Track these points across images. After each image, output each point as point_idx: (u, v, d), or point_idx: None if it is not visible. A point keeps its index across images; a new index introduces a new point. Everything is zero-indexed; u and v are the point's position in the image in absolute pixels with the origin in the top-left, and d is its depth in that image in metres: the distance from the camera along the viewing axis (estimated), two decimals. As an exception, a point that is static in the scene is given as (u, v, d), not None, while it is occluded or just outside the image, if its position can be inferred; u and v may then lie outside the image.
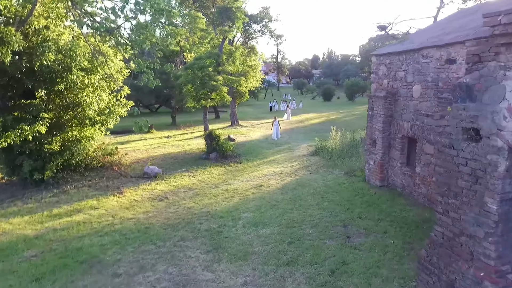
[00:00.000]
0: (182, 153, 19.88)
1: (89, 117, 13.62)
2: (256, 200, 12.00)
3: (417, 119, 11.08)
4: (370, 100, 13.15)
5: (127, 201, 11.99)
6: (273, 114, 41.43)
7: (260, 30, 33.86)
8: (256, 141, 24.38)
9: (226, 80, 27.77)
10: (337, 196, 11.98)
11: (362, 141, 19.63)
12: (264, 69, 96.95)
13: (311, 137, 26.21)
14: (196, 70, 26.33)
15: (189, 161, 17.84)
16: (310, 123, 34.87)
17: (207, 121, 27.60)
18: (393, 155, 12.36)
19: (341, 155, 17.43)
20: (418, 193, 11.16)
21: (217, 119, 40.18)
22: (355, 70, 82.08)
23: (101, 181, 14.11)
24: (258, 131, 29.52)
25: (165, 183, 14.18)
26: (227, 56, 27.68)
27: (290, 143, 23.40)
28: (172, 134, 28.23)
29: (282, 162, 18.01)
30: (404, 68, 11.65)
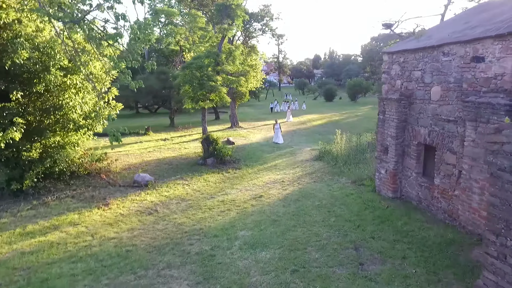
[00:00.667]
0: (177, 158, 18.57)
1: (73, 121, 12.33)
2: (255, 214, 10.69)
3: (436, 125, 9.75)
4: (381, 103, 11.82)
5: (112, 215, 10.69)
6: (274, 116, 40.17)
7: (261, 29, 32.57)
8: (256, 144, 23.07)
9: (225, 80, 26.48)
10: (345, 210, 10.66)
11: (369, 146, 18.31)
12: (265, 69, 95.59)
13: (314, 140, 24.90)
14: (194, 70, 25.07)
15: (185, 167, 16.54)
16: (312, 124, 33.54)
17: (206, 123, 26.30)
18: (408, 164, 11.03)
19: (347, 161, 16.09)
20: (437, 208, 9.82)
21: (217, 120, 38.87)
22: (357, 70, 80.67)
23: (86, 190, 12.83)
24: (259, 133, 28.21)
25: (157, 193, 12.88)
26: (227, 56, 26.37)
27: (292, 147, 22.07)
28: (170, 137, 26.93)
29: (283, 168, 16.69)
30: (420, 67, 10.32)
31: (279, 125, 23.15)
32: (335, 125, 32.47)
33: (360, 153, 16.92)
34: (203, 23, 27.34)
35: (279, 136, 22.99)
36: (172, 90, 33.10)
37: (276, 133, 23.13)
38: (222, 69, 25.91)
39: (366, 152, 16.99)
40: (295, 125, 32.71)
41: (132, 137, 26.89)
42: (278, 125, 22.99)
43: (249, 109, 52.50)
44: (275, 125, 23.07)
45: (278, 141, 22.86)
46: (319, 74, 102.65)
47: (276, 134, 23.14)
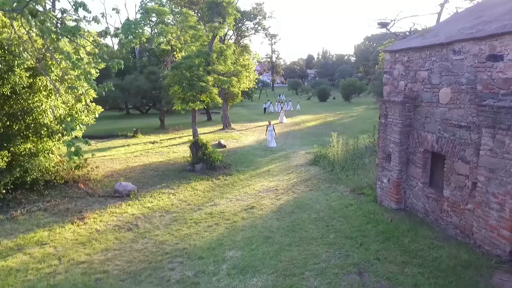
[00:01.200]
0: (164, 164, 17.40)
1: (46, 126, 11.13)
2: (246, 229, 9.60)
3: (446, 131, 8.74)
4: (383, 106, 10.79)
5: (86, 232, 9.53)
6: (267, 116, 39.08)
7: (253, 28, 31.49)
8: (249, 148, 21.97)
9: (216, 80, 25.33)
10: (345, 224, 9.61)
11: (367, 150, 17.32)
12: (259, 69, 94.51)
13: (309, 142, 23.89)
14: (184, 70, 23.89)
15: (172, 174, 15.38)
16: (306, 125, 32.54)
17: (196, 125, 25.08)
18: (412, 172, 10.02)
19: (344, 166, 15.06)
20: (447, 222, 8.81)
21: (209, 122, 37.70)
22: (350, 70, 79.96)
23: (61, 202, 11.62)
24: (252, 136, 27.11)
25: (139, 204, 11.72)
26: (218, 55, 25.22)
27: (286, 150, 21.01)
28: (159, 139, 25.72)
29: (277, 173, 15.62)
30: (427, 67, 9.30)
31: (273, 127, 22.00)
32: (329, 126, 31.51)
33: (358, 158, 15.90)
34: (194, 22, 26.18)
35: (272, 139, 21.83)
36: (162, 91, 31.90)
37: (269, 136, 21.93)
38: (213, 69, 24.76)
39: (365, 156, 15.99)
40: (288, 126, 31.70)
41: (120, 140, 25.68)
42: (271, 127, 21.84)
43: (242, 110, 51.38)
44: (268, 127, 21.90)
45: (271, 145, 21.71)
46: (312, 74, 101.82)
47: (268, 137, 21.95)
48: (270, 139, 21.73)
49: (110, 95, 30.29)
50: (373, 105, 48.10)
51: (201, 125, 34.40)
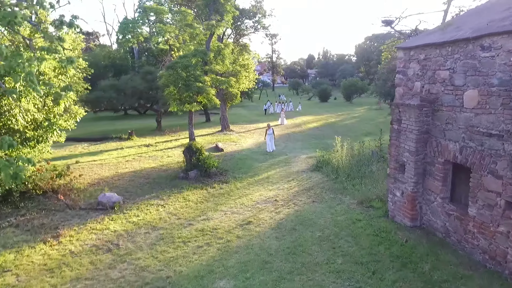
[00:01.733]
0: (156, 170, 16.14)
1: (19, 132, 9.89)
2: (240, 250, 8.34)
3: (472, 139, 7.47)
4: (395, 110, 9.52)
5: (58, 254, 8.28)
6: (268, 118, 37.80)
7: (252, 26, 30.23)
8: (247, 151, 20.71)
9: (214, 80, 24.10)
10: (353, 245, 8.35)
11: (373, 155, 16.04)
12: (259, 68, 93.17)
13: (310, 145, 22.62)
14: (180, 70, 22.65)
15: (163, 182, 14.12)
16: (307, 127, 31.27)
17: (193, 127, 23.86)
18: (430, 186, 8.75)
19: (350, 174, 13.77)
20: (473, 246, 7.55)
21: (208, 123, 36.45)
22: (351, 70, 78.63)
23: (37, 216, 10.38)
24: (251, 138, 25.85)
25: (123, 218, 10.47)
26: (215, 54, 23.99)
27: (286, 154, 19.74)
28: (154, 142, 24.48)
29: (277, 181, 14.36)
30: (449, 66, 8.03)
31: (272, 130, 20.63)
32: (331, 127, 30.25)
33: (365, 165, 14.60)
34: (190, 20, 24.93)
35: (272, 143, 20.42)
36: (159, 91, 30.69)
37: (268, 140, 20.46)
38: (210, 69, 23.54)
39: (371, 163, 14.70)
40: (289, 128, 30.44)
41: (113, 143, 24.44)
42: (271, 130, 20.46)
43: (242, 110, 50.12)
44: (267, 130, 20.53)
45: (271, 149, 20.29)
46: (313, 74, 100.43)
47: (268, 141, 20.47)
48: (269, 143, 20.35)
49: (105, 96, 29.15)
50: (375, 106, 46.84)
51: (199, 126, 33.18)
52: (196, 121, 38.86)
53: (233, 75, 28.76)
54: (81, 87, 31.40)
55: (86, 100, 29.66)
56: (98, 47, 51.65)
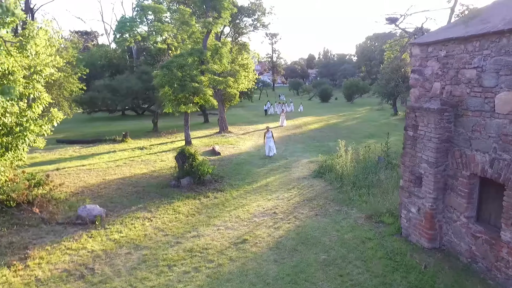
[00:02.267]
0: (147, 176, 14.94)
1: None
2: (234, 278, 7.14)
3: (506, 150, 6.25)
4: (410, 114, 8.29)
5: (21, 282, 7.08)
6: (267, 119, 36.57)
7: (252, 24, 29.03)
8: (246, 155, 19.51)
9: (211, 81, 22.92)
10: (364, 272, 7.14)
11: (380, 161, 14.82)
12: (259, 68, 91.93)
13: (311, 148, 21.43)
14: (175, 69, 21.47)
15: (153, 191, 12.91)
16: (308, 128, 30.05)
17: (188, 129, 22.67)
18: (452, 202, 7.54)
19: (355, 182, 12.54)
20: (507, 276, 6.34)
21: (206, 124, 35.24)
22: (352, 70, 77.39)
23: (6, 233, 9.17)
24: (250, 140, 24.64)
25: (104, 235, 9.27)
26: (212, 53, 22.78)
27: (286, 158, 18.54)
28: (148, 144, 23.27)
29: (276, 189, 13.17)
30: (476, 64, 6.81)
31: (271, 133, 19.28)
32: (333, 129, 29.04)
33: (372, 172, 13.36)
34: (186, 17, 23.73)
35: (271, 147, 19.01)
36: (155, 92, 29.53)
37: (267, 144, 19.12)
38: (207, 68, 22.34)
39: (379, 170, 13.47)
40: (289, 130, 29.24)
41: (106, 145, 23.23)
42: (270, 133, 19.10)
43: (241, 111, 48.94)
44: (266, 133, 19.19)
45: (270, 153, 18.91)
46: (313, 74, 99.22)
47: (267, 145, 19.08)
48: (269, 147, 19.00)
49: (99, 96, 27.98)
50: (377, 106, 45.59)
51: (197, 127, 31.99)
52: (194, 122, 37.71)
53: (231, 75, 27.58)
54: (75, 87, 30.38)
55: (80, 101, 28.55)
56: (96, 47, 50.44)
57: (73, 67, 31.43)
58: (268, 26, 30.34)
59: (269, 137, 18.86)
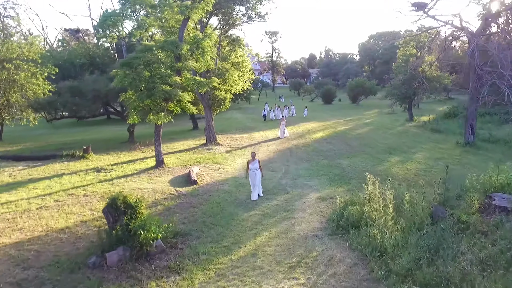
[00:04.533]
0: (65, 236, 9.04)
1: None
2: None
3: None
4: None
5: None
6: (266, 125, 30.72)
7: (245, 14, 23.30)
8: (231, 183, 13.74)
9: (189, 82, 17.12)
10: None
11: (437, 214, 8.92)
12: (258, 68, 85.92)
13: (320, 169, 15.66)
14: (139, 67, 15.71)
15: (52, 278, 7.13)
16: (313, 138, 24.22)
17: (160, 145, 16.82)
18: None
19: (414, 271, 6.66)
20: None
21: (194, 131, 29.48)
22: (356, 70, 71.38)
23: None
24: (241, 157, 18.84)
25: None
26: (192, 47, 16.96)
27: (286, 190, 12.77)
28: (112, 162, 17.54)
29: (270, 267, 7.41)
30: None
31: (258, 163, 12.01)
32: (342, 139, 23.19)
33: (440, 237, 7.42)
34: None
35: (258, 185, 12.00)
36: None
37: (251, 180, 11.96)
38: (184, 66, 16.55)
39: (451, 237, 7.55)
40: (291, 140, 23.44)
41: (58, 165, 17.51)
42: (255, 163, 11.91)
43: (237, 114, 43.16)
44: (250, 163, 11.94)
45: (254, 196, 11.79)
46: (315, 73, 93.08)
47: (252, 183, 11.91)
48: (253, 184, 11.88)
49: (59, 100, 22.22)
50: (386, 109, 39.67)
51: (182, 136, 26.20)
52: (181, 128, 31.90)
53: (220, 75, 21.77)
54: (41, 88, 24.54)
55: (36, 106, 22.78)
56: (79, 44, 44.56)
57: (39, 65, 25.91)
58: (265, 17, 24.47)
59: (254, 169, 11.85)
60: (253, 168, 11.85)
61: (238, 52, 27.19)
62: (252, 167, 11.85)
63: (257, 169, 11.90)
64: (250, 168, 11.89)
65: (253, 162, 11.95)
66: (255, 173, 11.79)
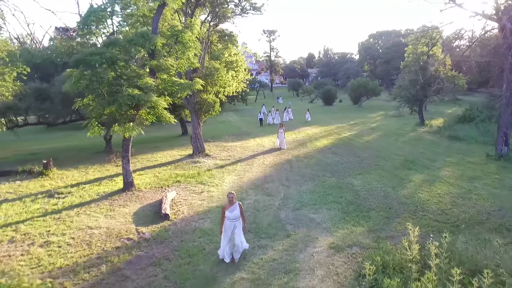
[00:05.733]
0: None
1: None
2: None
3: None
4: None
5: None
6: (263, 130, 27.14)
7: (238, 5, 19.73)
8: (214, 216, 10.19)
9: (167, 85, 13.53)
10: None
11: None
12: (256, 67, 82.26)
13: (328, 193, 12.10)
14: (105, 66, 12.16)
15: None
16: (315, 146, 20.66)
17: (129, 163, 13.19)
18: None
19: None
20: None
21: (183, 138, 25.88)
22: (356, 69, 67.73)
23: None
24: (232, 174, 15.27)
25: None
26: (170, 41, 13.38)
27: (286, 230, 9.24)
28: (71, 184, 13.97)
29: None
30: None
31: (240, 209, 7.55)
32: (349, 149, 19.62)
33: None
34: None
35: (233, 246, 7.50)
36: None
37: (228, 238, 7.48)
38: (159, 65, 12.97)
39: None
40: (290, 149, 19.86)
41: (5, 185, 13.95)
42: (236, 209, 7.48)
43: (233, 116, 39.55)
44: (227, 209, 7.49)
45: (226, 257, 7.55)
46: (314, 73, 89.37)
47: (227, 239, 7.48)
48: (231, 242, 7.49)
49: (20, 105, 18.60)
50: (392, 111, 36.19)
51: (167, 144, 22.60)
52: (168, 134, 28.29)
53: (207, 75, 18.19)
54: (8, 90, 20.94)
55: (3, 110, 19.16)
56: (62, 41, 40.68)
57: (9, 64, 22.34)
58: (261, 9, 20.86)
59: (232, 218, 7.45)
60: (231, 217, 7.41)
61: (232, 50, 23.60)
62: (230, 215, 7.41)
63: (237, 218, 7.48)
64: (226, 216, 7.45)
65: (231, 208, 7.46)
66: (234, 225, 7.41)
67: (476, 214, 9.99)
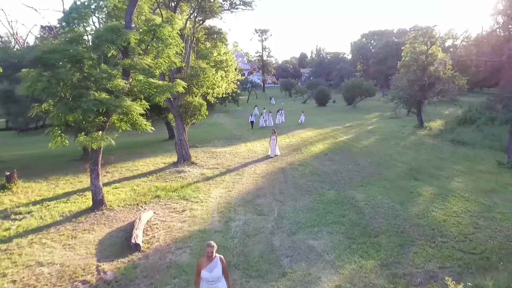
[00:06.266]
0: None
1: None
2: None
3: None
4: None
5: None
6: (255, 134, 25.35)
7: None
8: (195, 245, 8.41)
9: (144, 87, 11.67)
10: None
11: None
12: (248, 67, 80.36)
13: (328, 211, 10.35)
14: (69, 66, 10.28)
15: None
16: (310, 152, 18.94)
17: (98, 177, 11.27)
18: None
19: None
20: None
21: (169, 142, 23.94)
22: (349, 69, 66.31)
23: None
24: (219, 186, 13.44)
25: None
26: (145, 37, 11.52)
27: (281, 265, 7.48)
28: (35, 199, 12.03)
29: None
30: None
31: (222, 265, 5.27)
32: (347, 155, 17.93)
33: None
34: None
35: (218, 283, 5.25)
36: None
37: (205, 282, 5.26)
38: (133, 64, 11.12)
39: None
40: (283, 156, 18.10)
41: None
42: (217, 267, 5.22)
43: (223, 118, 37.69)
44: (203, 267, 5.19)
45: None
46: (306, 73, 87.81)
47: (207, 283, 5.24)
48: None
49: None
50: (388, 112, 34.60)
51: (151, 150, 20.63)
52: (155, 138, 26.36)
53: (192, 76, 16.34)
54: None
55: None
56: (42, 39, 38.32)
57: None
58: (251, 4, 19.08)
59: (212, 279, 5.15)
60: (210, 278, 5.16)
61: (221, 49, 21.73)
62: (209, 276, 5.16)
63: (219, 279, 5.23)
64: (203, 278, 5.20)
65: (210, 266, 5.21)
66: (216, 286, 5.22)
67: (506, 240, 8.36)
